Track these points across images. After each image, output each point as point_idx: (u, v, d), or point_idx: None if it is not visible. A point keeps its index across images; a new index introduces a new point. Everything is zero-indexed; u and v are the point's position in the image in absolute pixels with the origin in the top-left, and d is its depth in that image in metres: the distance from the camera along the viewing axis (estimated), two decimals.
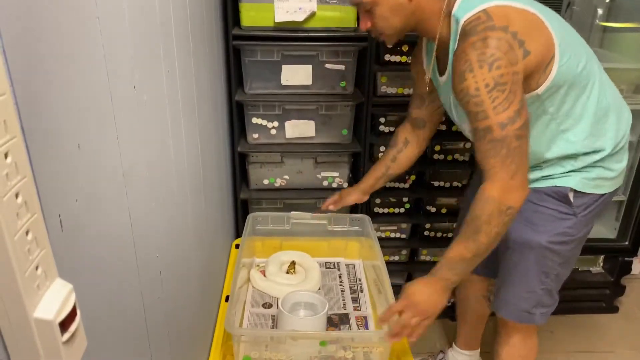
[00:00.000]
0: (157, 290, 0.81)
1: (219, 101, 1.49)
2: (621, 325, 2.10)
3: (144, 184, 0.74)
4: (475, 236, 1.06)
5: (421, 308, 1.11)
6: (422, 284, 1.13)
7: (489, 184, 1.05)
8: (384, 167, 1.50)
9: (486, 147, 1.04)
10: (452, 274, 1.10)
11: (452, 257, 1.10)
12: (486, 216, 1.05)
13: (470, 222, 1.07)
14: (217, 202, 1.45)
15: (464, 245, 1.08)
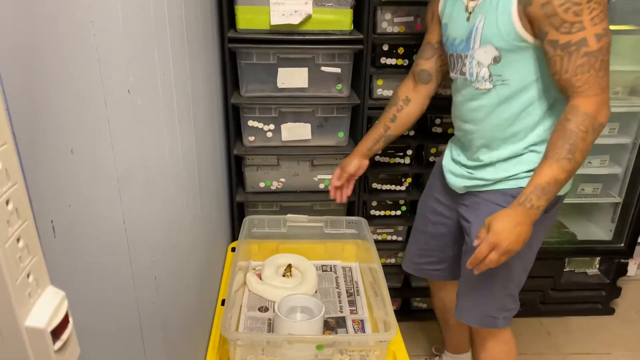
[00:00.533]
0: (152, 295, 0.80)
1: (215, 104, 1.49)
2: (617, 327, 2.10)
3: (139, 188, 0.73)
4: (572, 154, 1.05)
5: (507, 247, 1.08)
6: (510, 220, 1.08)
7: (583, 100, 1.05)
8: (383, 127, 1.45)
9: (579, 62, 1.02)
10: (544, 199, 1.07)
11: (544, 182, 1.07)
12: (583, 133, 1.04)
13: (564, 140, 1.05)
14: (213, 205, 1.44)
15: (558, 165, 1.06)
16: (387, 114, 1.45)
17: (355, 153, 1.51)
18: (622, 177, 2.00)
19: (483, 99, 1.21)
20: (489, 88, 1.19)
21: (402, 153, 1.80)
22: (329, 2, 1.52)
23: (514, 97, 1.17)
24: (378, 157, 1.78)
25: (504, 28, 1.10)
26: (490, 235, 1.10)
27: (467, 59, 1.21)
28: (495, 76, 1.17)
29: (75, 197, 0.52)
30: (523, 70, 1.14)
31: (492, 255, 1.10)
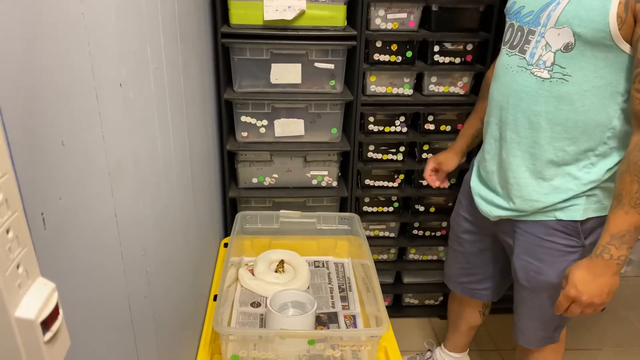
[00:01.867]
0: (144, 289, 0.80)
1: (208, 99, 1.49)
2: (607, 324, 2.12)
3: (130, 182, 0.73)
4: None
5: (590, 300, 1.03)
6: (588, 273, 1.02)
7: None
8: (480, 121, 1.34)
9: None
10: (624, 249, 0.99)
11: (622, 230, 0.98)
12: None
13: (638, 182, 0.94)
14: (206, 201, 1.44)
15: (636, 211, 0.96)
16: (482, 107, 1.33)
17: (454, 151, 1.46)
18: None
19: (532, 89, 1.08)
20: (545, 78, 1.05)
21: (394, 150, 1.80)
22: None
23: (569, 99, 1.04)
24: (371, 154, 1.79)
25: (593, 14, 0.95)
26: (568, 287, 1.05)
27: (534, 36, 1.07)
28: (557, 66, 1.03)
29: (66, 190, 0.52)
30: (592, 71, 1.00)
31: (573, 309, 1.06)
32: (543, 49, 1.05)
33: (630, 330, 2.09)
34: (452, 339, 1.72)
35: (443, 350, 1.75)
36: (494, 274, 1.47)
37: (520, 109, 1.12)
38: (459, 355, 1.73)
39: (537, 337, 1.35)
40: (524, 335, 1.36)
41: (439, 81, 1.71)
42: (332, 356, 1.22)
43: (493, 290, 1.51)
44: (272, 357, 1.21)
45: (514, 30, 1.14)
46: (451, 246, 1.53)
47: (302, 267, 1.58)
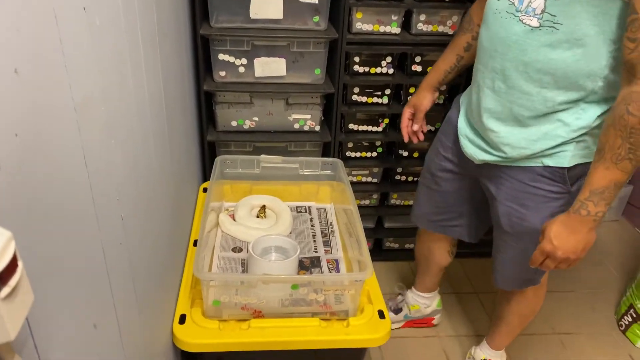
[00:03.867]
0: (119, 236, 0.75)
1: (183, 34, 1.38)
2: (581, 266, 2.17)
3: (100, 120, 0.67)
4: (633, 154, 0.91)
5: (565, 256, 1.02)
6: (564, 227, 1.01)
7: None
8: (456, 57, 1.29)
9: None
10: (602, 205, 0.96)
11: (602, 186, 0.95)
12: None
13: (623, 139, 0.91)
14: (183, 144, 1.37)
15: (618, 168, 0.93)
16: (460, 41, 1.28)
17: (426, 87, 1.38)
18: None
19: (521, 38, 1.03)
20: (534, 26, 1.00)
21: (379, 92, 1.74)
22: None
23: (559, 48, 0.99)
24: (355, 97, 1.72)
25: None
26: (544, 242, 1.04)
27: None
28: (547, 14, 0.98)
29: (22, 126, 0.46)
30: (584, 19, 0.95)
31: (548, 263, 1.06)
32: None
33: (603, 273, 2.16)
34: (422, 281, 1.74)
35: (414, 292, 1.77)
36: (468, 212, 1.46)
37: (508, 58, 1.07)
38: (430, 294, 1.76)
39: (518, 281, 1.36)
40: (505, 280, 1.37)
41: (427, 19, 1.62)
42: (315, 300, 1.22)
43: (466, 229, 1.50)
44: (255, 302, 1.19)
45: None
46: (424, 184, 1.49)
47: (284, 212, 1.55)
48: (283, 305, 1.22)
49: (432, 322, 1.81)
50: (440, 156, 1.40)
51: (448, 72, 1.36)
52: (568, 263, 1.04)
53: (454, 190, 1.42)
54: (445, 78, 1.37)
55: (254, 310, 1.20)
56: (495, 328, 1.56)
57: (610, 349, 1.80)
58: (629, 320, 1.82)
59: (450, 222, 1.50)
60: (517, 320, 1.48)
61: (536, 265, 1.09)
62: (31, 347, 0.47)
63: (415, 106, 1.41)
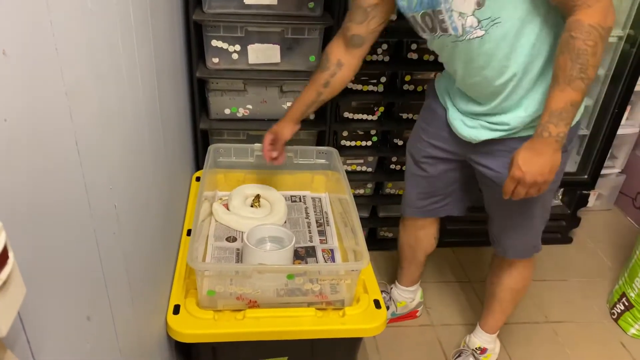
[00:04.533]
0: (113, 225, 0.74)
1: (176, 20, 1.35)
2: (574, 255, 2.19)
3: (92, 106, 0.64)
4: (584, 73, 0.98)
5: (533, 179, 1.06)
6: (530, 151, 1.06)
7: (585, 11, 0.97)
8: (315, 93, 1.35)
9: None
10: (563, 125, 1.02)
11: (559, 108, 1.01)
12: (592, 47, 0.97)
13: (573, 61, 0.98)
14: (175, 132, 1.35)
15: (571, 88, 1.00)
16: (319, 78, 1.34)
17: (288, 119, 1.41)
18: (591, 109, 2.00)
19: (478, 49, 1.10)
20: (481, 35, 1.07)
21: (375, 80, 1.72)
22: None
23: (511, 30, 1.06)
24: (350, 85, 1.70)
25: None
26: (513, 169, 1.08)
27: (443, 14, 1.09)
28: (484, 20, 1.05)
29: (12, 110, 0.44)
30: (513, 2, 1.03)
31: (519, 190, 1.09)
32: (460, 18, 1.07)
33: (596, 262, 2.17)
34: (407, 273, 1.73)
35: (399, 287, 1.76)
36: (455, 190, 1.48)
37: (477, 70, 1.14)
38: (414, 287, 1.76)
39: (527, 247, 1.41)
40: (514, 249, 1.41)
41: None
42: (310, 290, 1.21)
43: (454, 206, 1.52)
44: (250, 292, 1.18)
45: (419, 20, 1.15)
46: (411, 172, 1.50)
47: (278, 202, 1.53)
48: (278, 295, 1.21)
49: (416, 314, 1.81)
50: (423, 142, 1.41)
51: (309, 107, 1.39)
52: (537, 187, 1.08)
53: (440, 174, 1.44)
54: (307, 111, 1.40)
55: (249, 300, 1.19)
56: (488, 308, 1.57)
57: (603, 337, 1.81)
58: (621, 308, 1.84)
59: (438, 203, 1.51)
60: (510, 296, 1.51)
61: (509, 194, 1.12)
62: (24, 341, 0.45)
63: (277, 134, 1.42)
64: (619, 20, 1.84)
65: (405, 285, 1.75)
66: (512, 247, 1.40)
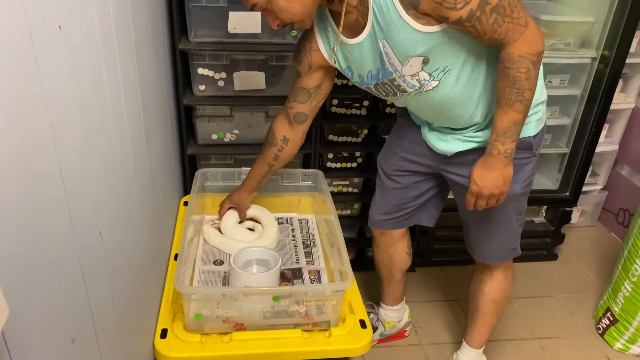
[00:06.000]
0: (97, 251, 0.76)
1: (162, 50, 1.39)
2: (560, 272, 2.22)
3: (77, 136, 0.67)
4: (521, 96, 1.09)
5: (489, 192, 1.18)
6: (483, 168, 1.17)
7: (513, 46, 1.07)
8: (267, 165, 1.46)
9: (492, 20, 1.03)
10: (509, 142, 1.14)
11: (504, 127, 1.13)
12: (524, 74, 1.08)
13: (510, 87, 1.09)
14: (162, 158, 1.38)
15: (512, 110, 1.11)
16: (269, 153, 1.44)
17: (245, 190, 1.50)
18: (570, 128, 2.06)
19: (437, 95, 1.19)
20: (436, 85, 1.17)
21: (358, 104, 1.77)
22: None
23: (462, 72, 1.16)
24: (334, 109, 1.75)
25: (412, 37, 1.07)
26: (470, 185, 1.20)
27: (398, 80, 1.18)
28: (435, 72, 1.15)
29: None
30: (453, 50, 1.12)
31: (479, 202, 1.21)
32: (413, 78, 1.16)
33: (581, 278, 2.20)
34: (389, 292, 1.75)
35: (384, 307, 1.78)
36: (423, 201, 1.53)
37: (445, 112, 1.24)
38: (399, 306, 1.77)
39: (506, 251, 1.45)
40: (493, 253, 1.45)
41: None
42: (297, 311, 1.22)
43: (420, 215, 1.56)
44: (236, 315, 1.19)
45: (373, 90, 1.26)
46: (381, 186, 1.55)
47: (270, 225, 1.55)
48: (265, 317, 1.22)
49: (404, 334, 1.83)
50: (396, 156, 1.47)
51: (263, 177, 1.49)
52: (495, 198, 1.20)
53: (412, 184, 1.49)
54: (261, 181, 1.51)
55: (236, 323, 1.20)
56: (472, 322, 1.60)
57: (589, 352, 1.83)
58: (606, 323, 1.86)
59: (408, 214, 1.55)
60: (492, 308, 1.54)
61: (471, 206, 1.23)
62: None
63: (237, 204, 1.52)
64: (593, 42, 1.92)
65: (389, 305, 1.76)
66: (492, 251, 1.45)
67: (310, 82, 1.31)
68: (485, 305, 1.54)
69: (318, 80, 1.31)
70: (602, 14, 1.86)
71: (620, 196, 2.41)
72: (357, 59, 1.20)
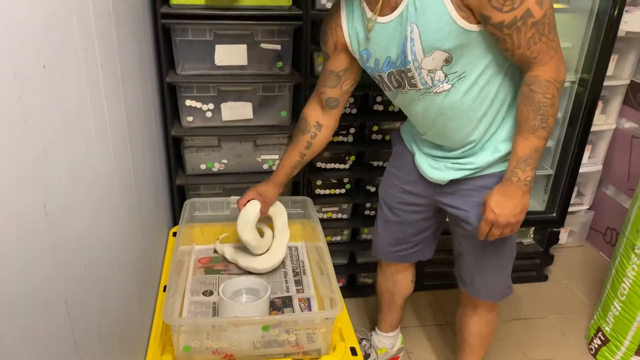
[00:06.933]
0: (83, 284, 0.76)
1: (149, 83, 1.42)
2: (550, 292, 2.22)
3: (61, 170, 0.68)
4: (545, 123, 1.08)
5: (506, 221, 1.15)
6: (501, 195, 1.15)
7: (541, 68, 1.06)
8: (299, 155, 1.41)
9: (529, 34, 1.02)
10: (529, 169, 1.12)
11: (525, 154, 1.11)
12: (550, 100, 1.07)
13: (535, 112, 1.08)
14: (151, 189, 1.38)
15: (535, 136, 1.10)
16: (301, 141, 1.40)
17: (273, 183, 1.46)
18: (553, 150, 2.09)
19: (443, 101, 1.17)
20: (448, 89, 1.14)
21: (345, 131, 1.79)
22: None
23: (476, 84, 1.14)
24: None
25: (446, 29, 1.05)
26: (487, 212, 1.16)
27: (413, 72, 1.14)
28: (451, 75, 1.12)
29: None
30: (477, 58, 1.11)
31: (494, 231, 1.18)
32: (428, 74, 1.13)
33: (572, 298, 2.20)
34: (388, 319, 1.73)
35: (379, 333, 1.77)
36: (424, 238, 1.52)
37: (443, 122, 1.21)
38: (393, 332, 1.76)
39: (500, 289, 1.42)
40: (488, 289, 1.41)
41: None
42: (287, 340, 1.21)
43: (423, 252, 1.56)
44: (226, 346, 1.18)
45: (385, 78, 1.22)
46: (382, 217, 1.54)
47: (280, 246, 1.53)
48: (255, 347, 1.22)
49: None
50: (396, 188, 1.46)
51: (293, 169, 1.44)
52: (510, 228, 1.17)
53: (413, 221, 1.48)
54: (291, 174, 1.45)
55: (226, 354, 1.19)
56: (462, 354, 1.59)
57: None
58: (598, 343, 1.86)
59: (409, 250, 1.54)
60: (480, 342, 1.53)
61: (484, 235, 1.20)
62: None
63: (263, 196, 1.45)
64: (571, 66, 1.97)
65: (385, 331, 1.75)
66: (488, 287, 1.41)
67: (338, 65, 1.28)
68: (472, 339, 1.52)
69: (346, 63, 1.28)
70: (578, 39, 1.92)
71: (606, 215, 2.44)
72: (379, 41, 1.16)
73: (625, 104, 2.28)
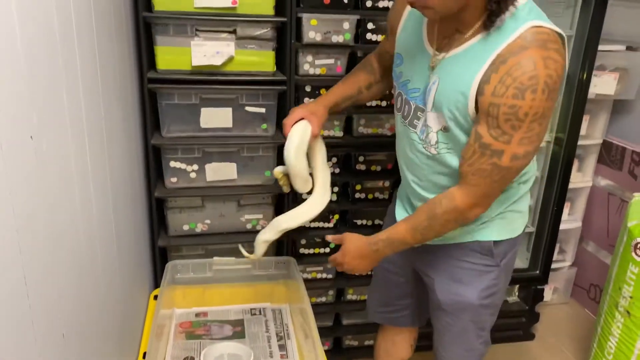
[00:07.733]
0: (60, 354, 0.73)
1: (134, 145, 1.43)
2: (537, 352, 2.19)
3: (43, 239, 0.68)
4: (426, 231, 1.11)
5: (349, 267, 1.24)
6: (358, 251, 1.22)
7: (464, 196, 1.06)
8: (357, 89, 1.32)
9: (484, 167, 1.01)
10: (388, 250, 1.18)
11: (395, 238, 1.16)
12: (444, 220, 1.09)
13: (427, 218, 1.10)
14: (132, 251, 1.37)
15: (411, 233, 1.13)
16: (364, 79, 1.33)
17: (324, 102, 1.31)
18: (534, 207, 2.13)
19: (427, 160, 1.16)
20: (433, 153, 1.13)
21: None
22: (251, 45, 1.53)
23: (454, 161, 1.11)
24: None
25: (458, 98, 1.01)
26: (339, 253, 1.26)
27: (422, 114, 1.12)
28: (442, 143, 1.10)
29: None
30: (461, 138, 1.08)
31: (337, 267, 1.28)
32: (427, 128, 1.12)
33: (559, 357, 2.17)
34: None
35: None
36: (409, 304, 1.49)
37: (420, 174, 1.21)
38: None
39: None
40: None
41: (367, 123, 1.75)
42: None
43: (409, 317, 1.52)
44: None
45: (403, 101, 1.18)
46: (376, 278, 1.53)
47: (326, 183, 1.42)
48: None
49: None
50: None
51: (345, 100, 1.33)
52: (348, 271, 1.26)
53: (394, 283, 1.47)
54: (341, 104, 1.33)
55: None
56: None
57: None
58: None
59: (396, 313, 1.52)
60: None
61: (331, 264, 1.30)
62: None
63: (315, 115, 1.27)
64: None
65: None
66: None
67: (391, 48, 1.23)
68: None
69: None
70: None
71: (589, 272, 2.46)
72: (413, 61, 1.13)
73: (600, 162, 2.35)
